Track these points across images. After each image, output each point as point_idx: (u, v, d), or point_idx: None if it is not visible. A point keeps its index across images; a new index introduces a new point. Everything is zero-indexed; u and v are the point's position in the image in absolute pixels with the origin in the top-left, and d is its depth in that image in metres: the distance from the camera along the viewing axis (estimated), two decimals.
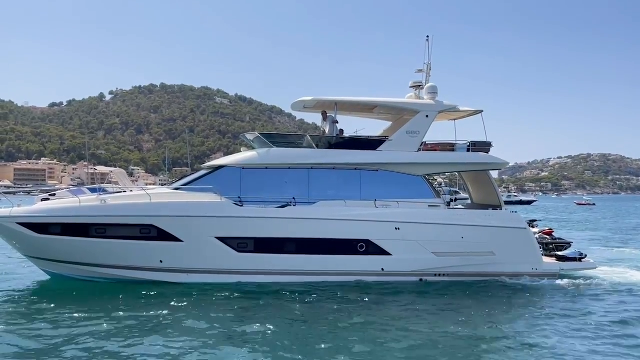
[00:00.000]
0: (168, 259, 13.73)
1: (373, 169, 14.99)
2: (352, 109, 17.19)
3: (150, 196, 13.89)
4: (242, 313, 11.08)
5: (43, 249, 13.85)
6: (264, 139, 15.19)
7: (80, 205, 13.58)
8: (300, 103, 16.23)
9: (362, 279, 14.11)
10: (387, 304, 12.08)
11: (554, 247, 15.92)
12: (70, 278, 14.14)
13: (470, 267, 14.60)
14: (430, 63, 16.49)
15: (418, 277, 14.47)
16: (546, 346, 9.05)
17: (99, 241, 13.50)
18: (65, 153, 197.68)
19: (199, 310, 11.22)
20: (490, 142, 15.83)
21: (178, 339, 9.20)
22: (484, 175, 16.49)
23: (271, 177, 14.69)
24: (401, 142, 15.22)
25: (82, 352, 8.47)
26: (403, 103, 16.10)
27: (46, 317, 10.53)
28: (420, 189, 15.10)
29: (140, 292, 12.73)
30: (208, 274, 13.82)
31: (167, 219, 13.53)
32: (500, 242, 14.68)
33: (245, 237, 13.80)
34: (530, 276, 14.73)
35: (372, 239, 14.18)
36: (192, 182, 14.56)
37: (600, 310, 11.65)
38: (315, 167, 14.75)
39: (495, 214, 15.23)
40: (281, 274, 13.94)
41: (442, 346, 9.01)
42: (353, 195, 14.68)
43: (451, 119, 17.18)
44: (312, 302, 12.03)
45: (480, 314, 11.33)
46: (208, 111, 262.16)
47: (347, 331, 9.76)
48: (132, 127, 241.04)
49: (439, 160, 15.65)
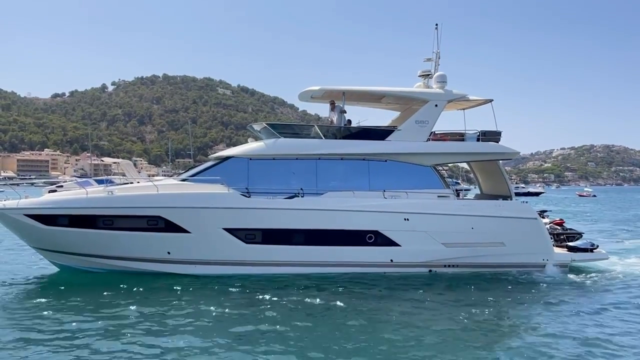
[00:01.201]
0: (176, 251, 13.66)
1: (381, 159, 14.82)
2: (360, 99, 16.97)
3: (158, 187, 13.82)
4: (250, 304, 11.00)
5: (50, 240, 13.81)
6: (271, 130, 15.03)
7: (88, 197, 13.54)
8: (308, 93, 16.03)
9: (371, 270, 14.00)
10: (396, 296, 11.97)
11: (565, 238, 15.73)
12: (78, 270, 14.11)
13: (480, 258, 14.46)
14: (439, 51, 16.26)
15: (427, 268, 14.35)
16: (562, 336, 8.97)
17: (106, 233, 13.46)
18: (67, 144, 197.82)
19: (207, 302, 11.12)
20: (500, 132, 15.63)
21: (185, 331, 9.14)
22: (493, 165, 16.29)
23: (278, 168, 14.55)
24: (410, 131, 15.03)
25: (87, 346, 8.39)
26: (412, 92, 15.88)
27: (52, 310, 10.48)
28: (429, 179, 14.95)
29: (148, 284, 12.66)
30: (216, 266, 13.76)
31: (175, 210, 13.45)
32: (510, 232, 14.52)
33: (253, 228, 13.70)
34: (541, 267, 14.59)
35: (381, 229, 14.05)
36: (199, 173, 14.45)
37: (616, 301, 11.53)
38: (323, 158, 14.60)
39: (506, 204, 15.06)
40: (289, 265, 13.85)
41: (451, 339, 8.89)
42: (361, 185, 14.54)
43: (460, 108, 16.96)
44: (319, 294, 11.92)
45: (491, 305, 11.22)
46: (210, 102, 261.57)
47: (354, 323, 9.66)
48: (135, 118, 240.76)
49: (448, 150, 15.46)
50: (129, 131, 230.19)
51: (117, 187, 14.28)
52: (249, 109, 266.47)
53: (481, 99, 16.19)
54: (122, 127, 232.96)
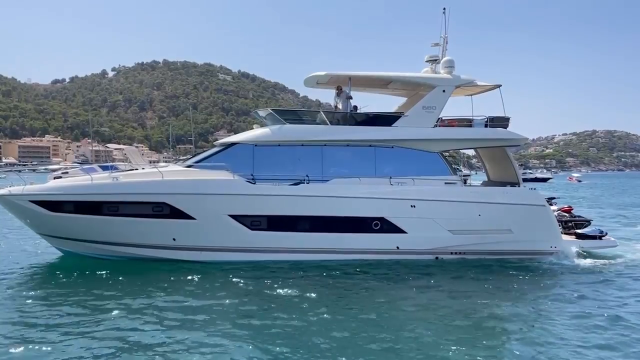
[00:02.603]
0: (181, 237, 13.61)
1: (388, 145, 14.66)
2: (367, 84, 16.73)
3: (163, 174, 13.74)
4: (255, 292, 10.91)
5: (56, 227, 13.78)
6: (277, 116, 14.87)
7: (93, 183, 13.46)
8: (314, 78, 15.81)
9: (377, 257, 13.93)
10: (402, 284, 11.88)
11: (573, 225, 15.60)
12: (83, 256, 14.08)
13: (487, 245, 14.37)
14: (446, 36, 15.94)
15: (434, 255, 14.28)
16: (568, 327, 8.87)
17: (111, 219, 13.41)
18: (68, 130, 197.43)
19: (213, 289, 11.06)
20: (508, 118, 15.40)
21: (190, 320, 9.06)
22: (501, 152, 16.10)
23: (284, 154, 14.42)
24: (417, 117, 14.84)
25: (92, 333, 8.30)
26: (419, 77, 15.65)
27: (57, 296, 10.43)
28: (436, 165, 14.79)
29: (154, 270, 12.62)
30: (222, 252, 13.70)
31: (180, 197, 13.37)
32: (518, 219, 14.41)
33: (259, 214, 13.62)
34: (549, 254, 14.51)
35: (387, 216, 13.96)
36: (204, 160, 14.35)
37: (623, 289, 11.44)
38: (329, 144, 14.45)
39: (513, 191, 14.92)
40: (295, 252, 13.79)
41: (457, 330, 8.76)
42: (367, 172, 14.41)
43: (468, 94, 16.72)
44: (325, 281, 11.87)
45: (497, 293, 11.09)
46: (211, 88, 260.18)
47: (358, 313, 9.55)
48: (135, 104, 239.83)
49: (455, 136, 15.29)
50: (130, 117, 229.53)
51: (122, 173, 14.19)
52: (250, 94, 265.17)
53: (489, 84, 15.95)
54: (123, 113, 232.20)
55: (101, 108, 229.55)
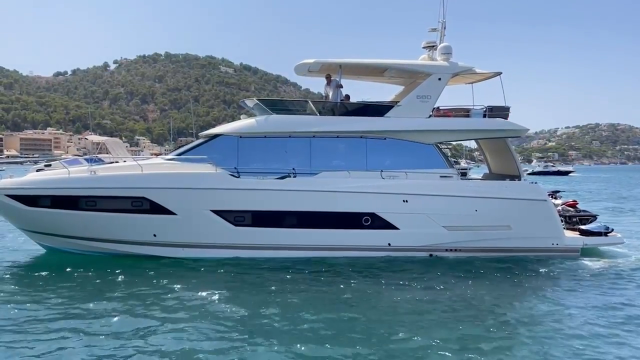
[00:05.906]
0: (162, 233, 13.04)
1: (380, 136, 13.91)
2: (360, 72, 15.92)
3: (142, 167, 13.12)
4: (240, 289, 10.45)
5: (33, 221, 13.38)
6: (263, 106, 14.16)
7: (69, 177, 12.93)
8: (304, 66, 15.03)
9: (368, 255, 13.24)
10: (393, 282, 11.20)
11: (577, 220, 14.74)
12: (66, 252, 13.59)
13: (485, 242, 13.61)
14: (444, 21, 15.12)
15: (428, 252, 13.56)
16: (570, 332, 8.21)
17: (89, 214, 12.92)
18: (70, 123, 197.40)
19: (194, 286, 10.53)
20: (508, 107, 14.55)
21: (172, 318, 8.58)
22: (502, 143, 15.27)
23: (270, 147, 13.76)
24: (411, 107, 14.06)
25: (70, 331, 7.98)
26: (413, 65, 14.84)
27: (36, 293, 10.11)
28: (431, 158, 14.03)
29: (135, 267, 12.15)
30: (204, 249, 13.13)
31: (160, 191, 12.79)
32: (517, 215, 13.62)
33: (242, 210, 12.99)
34: (550, 252, 13.73)
35: (378, 212, 13.25)
36: (187, 152, 13.77)
37: (624, 289, 10.73)
38: (318, 136, 13.74)
39: (512, 185, 14.15)
40: (280, 249, 13.16)
41: (452, 331, 8.20)
42: (358, 165, 13.69)
43: (467, 82, 15.88)
44: (313, 279, 11.26)
45: (493, 292, 10.49)
46: (213, 81, 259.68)
47: (348, 313, 9.04)
48: (137, 96, 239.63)
49: (451, 127, 14.48)
50: (132, 110, 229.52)
51: (100, 166, 13.54)
52: (252, 87, 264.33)
53: (489, 72, 15.10)
54: (125, 105, 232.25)
55: (103, 101, 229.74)
